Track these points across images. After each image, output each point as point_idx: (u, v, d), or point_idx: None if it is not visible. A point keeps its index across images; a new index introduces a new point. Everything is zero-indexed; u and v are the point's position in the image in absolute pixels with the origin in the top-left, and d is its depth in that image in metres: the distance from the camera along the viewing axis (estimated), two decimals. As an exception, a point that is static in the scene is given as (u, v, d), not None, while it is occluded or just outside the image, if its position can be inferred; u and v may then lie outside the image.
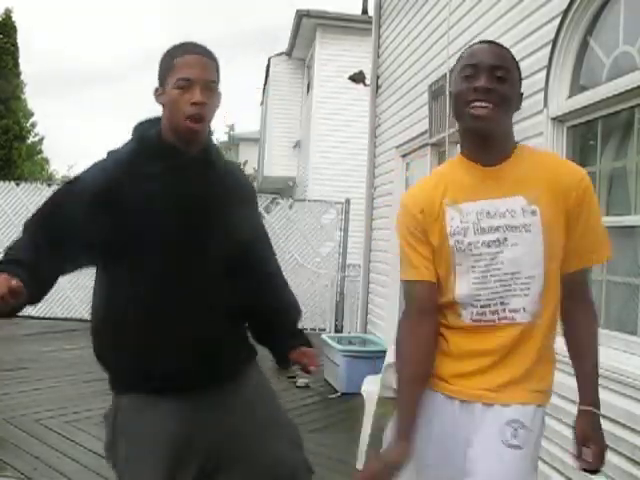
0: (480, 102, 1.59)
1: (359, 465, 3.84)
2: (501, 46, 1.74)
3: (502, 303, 1.63)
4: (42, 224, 1.82)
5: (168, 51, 1.86)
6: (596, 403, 1.66)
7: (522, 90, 1.72)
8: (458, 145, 4.09)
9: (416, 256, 1.70)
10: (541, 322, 1.64)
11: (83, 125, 61.16)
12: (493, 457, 1.58)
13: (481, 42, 1.76)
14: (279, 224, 10.02)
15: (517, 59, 1.76)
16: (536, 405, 1.65)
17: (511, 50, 1.78)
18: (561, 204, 1.62)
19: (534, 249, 1.61)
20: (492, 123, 1.61)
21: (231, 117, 58.14)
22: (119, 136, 1.87)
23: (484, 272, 1.64)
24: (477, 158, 1.68)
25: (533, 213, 1.61)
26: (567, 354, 1.74)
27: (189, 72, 1.78)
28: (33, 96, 34.01)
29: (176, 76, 1.78)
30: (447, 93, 4.07)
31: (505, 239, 1.62)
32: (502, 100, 1.61)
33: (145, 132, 1.88)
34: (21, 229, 1.84)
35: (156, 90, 1.87)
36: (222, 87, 1.91)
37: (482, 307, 1.65)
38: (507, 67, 1.64)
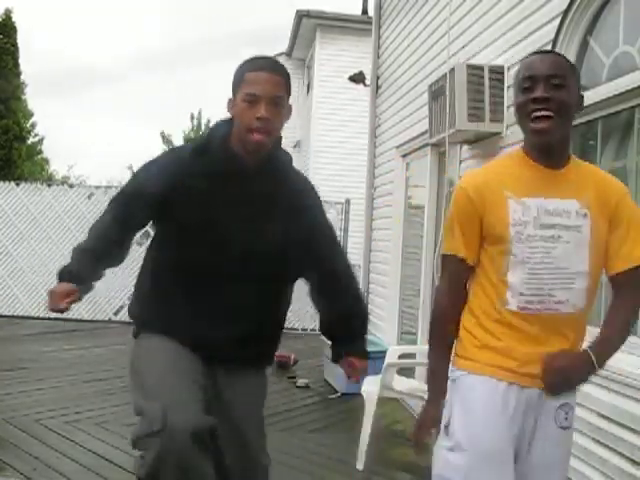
0: (539, 112, 1.71)
1: (359, 465, 3.84)
2: (556, 54, 1.91)
3: (550, 295, 1.77)
4: (124, 202, 2.15)
5: (241, 65, 2.03)
6: (596, 354, 1.82)
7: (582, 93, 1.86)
8: (458, 145, 4.11)
9: (459, 234, 1.84)
10: (582, 314, 1.83)
11: (83, 125, 61.09)
12: (551, 440, 1.79)
13: (536, 52, 1.92)
14: (279, 224, 10.00)
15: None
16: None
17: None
18: (605, 211, 1.79)
19: (582, 248, 1.78)
20: (553, 135, 1.75)
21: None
22: (119, 136, 1.90)
23: (538, 264, 1.77)
24: (539, 160, 1.81)
25: (585, 216, 1.78)
26: None
27: (256, 88, 1.93)
28: (33, 96, 34.06)
29: (245, 90, 1.95)
30: (447, 93, 4.07)
31: (559, 236, 1.77)
32: (560, 107, 1.73)
33: (215, 133, 2.08)
34: (107, 203, 2.24)
35: (229, 101, 2.04)
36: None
37: (531, 296, 1.77)
38: (563, 74, 1.75)
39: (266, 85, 1.94)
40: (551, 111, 1.71)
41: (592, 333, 3.06)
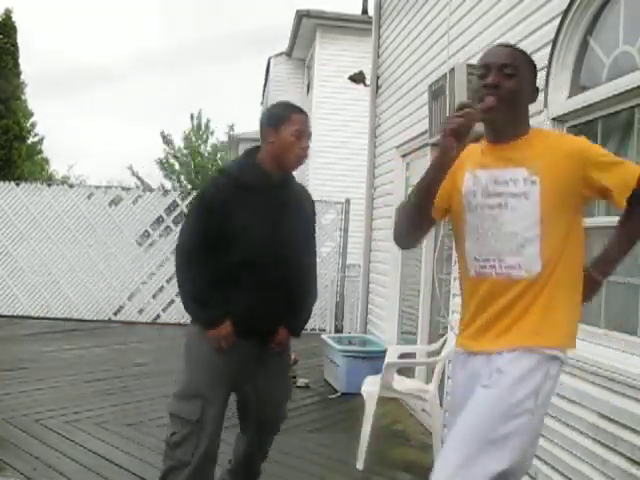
0: (488, 97, 1.86)
1: (359, 465, 3.84)
2: (514, 48, 2.01)
3: (499, 260, 1.87)
4: (199, 244, 2.63)
5: (284, 106, 2.74)
6: (599, 269, 1.99)
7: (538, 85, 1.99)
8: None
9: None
10: (543, 280, 1.84)
11: (83, 125, 61.01)
12: (472, 399, 1.84)
13: (496, 45, 2.08)
14: (279, 224, 10.00)
15: None
16: (521, 351, 1.83)
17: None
18: (561, 173, 1.85)
19: (531, 214, 1.84)
20: (497, 113, 1.87)
21: (231, 117, 58.17)
22: (119, 136, 1.90)
23: (486, 230, 1.90)
24: (490, 137, 1.97)
25: (533, 183, 1.85)
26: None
27: (302, 126, 2.66)
28: (33, 96, 34.03)
29: (293, 127, 2.63)
30: (447, 93, 4.07)
31: (506, 204, 1.87)
32: (508, 94, 1.87)
33: (251, 159, 2.70)
34: (185, 256, 2.68)
35: (269, 131, 2.65)
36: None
37: (483, 261, 1.90)
38: (515, 65, 1.89)
39: (307, 125, 2.70)
40: (498, 96, 1.86)
41: (591, 332, 3.07)
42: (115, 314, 10.11)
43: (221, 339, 2.60)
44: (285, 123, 2.63)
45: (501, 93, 1.86)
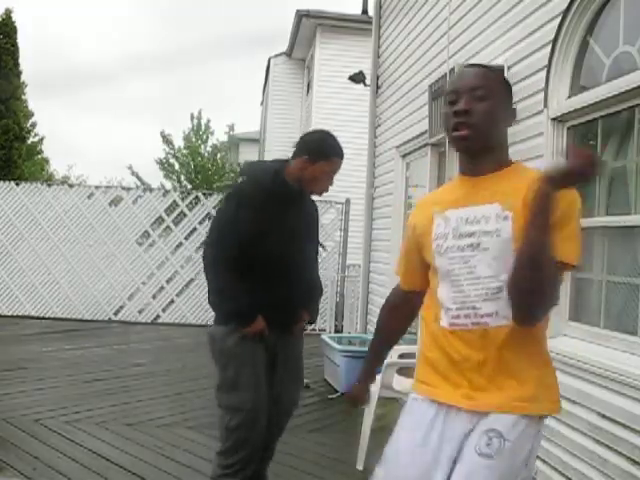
0: (460, 125, 1.69)
1: (359, 465, 3.84)
2: (484, 67, 1.81)
3: (474, 307, 1.66)
4: (233, 242, 2.85)
5: (330, 146, 2.98)
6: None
7: (514, 105, 1.80)
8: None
9: (402, 260, 1.98)
10: (524, 329, 1.63)
11: (83, 125, 61.14)
12: (466, 465, 1.62)
13: (465, 66, 1.87)
14: (279, 224, 10.01)
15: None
16: (519, 414, 1.63)
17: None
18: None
19: (505, 254, 1.62)
20: (473, 142, 1.70)
21: (231, 117, 58.12)
22: (119, 136, 1.90)
23: (458, 275, 1.69)
24: (466, 171, 1.78)
25: (505, 218, 1.64)
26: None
27: (337, 169, 3.00)
28: (33, 96, 34.07)
29: (329, 168, 2.95)
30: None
31: (478, 244, 1.67)
32: (481, 118, 1.68)
33: (280, 174, 2.96)
34: (219, 257, 2.90)
35: (305, 161, 2.92)
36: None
37: (457, 310, 1.69)
38: (486, 86, 1.70)
39: (340, 166, 3.01)
40: (470, 123, 1.67)
41: (591, 332, 3.07)
42: (115, 314, 10.11)
43: (256, 332, 2.87)
44: (324, 161, 2.93)
45: (473, 120, 1.67)
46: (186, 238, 10.29)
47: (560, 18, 3.26)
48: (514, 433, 1.61)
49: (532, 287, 1.54)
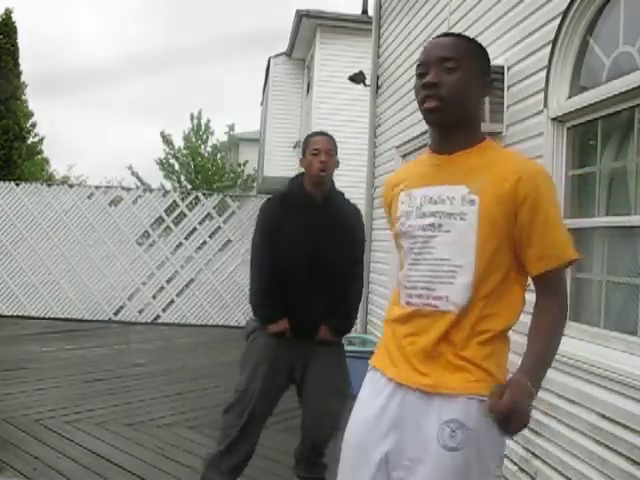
0: (428, 98, 1.62)
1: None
2: (455, 35, 1.73)
3: (428, 289, 1.63)
4: (265, 252, 3.10)
5: (308, 135, 3.22)
6: (531, 378, 1.51)
7: (490, 76, 1.72)
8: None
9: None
10: (471, 314, 1.58)
11: (83, 125, 61.18)
12: (432, 459, 1.55)
13: (437, 36, 1.75)
14: (279, 224, 10.00)
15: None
16: (479, 396, 1.55)
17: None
18: (502, 198, 1.57)
19: (466, 238, 1.58)
20: (442, 114, 1.63)
21: (231, 117, 58.10)
22: (119, 136, 1.90)
23: (417, 255, 1.66)
24: (436, 148, 1.72)
25: (471, 203, 1.59)
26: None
27: (318, 144, 3.11)
28: (33, 96, 34.08)
29: (312, 147, 3.10)
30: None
31: (440, 225, 1.62)
32: (452, 90, 1.61)
33: (296, 181, 3.18)
34: (256, 265, 3.17)
35: (301, 160, 3.18)
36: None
37: (411, 289, 1.67)
38: (456, 57, 1.62)
39: (324, 143, 3.12)
40: (439, 95, 1.61)
41: (591, 332, 3.07)
42: (115, 314, 10.11)
43: (280, 332, 3.03)
44: (308, 147, 3.13)
45: (442, 92, 1.60)
46: (186, 238, 10.29)
47: (560, 18, 3.26)
48: (477, 419, 1.54)
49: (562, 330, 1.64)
